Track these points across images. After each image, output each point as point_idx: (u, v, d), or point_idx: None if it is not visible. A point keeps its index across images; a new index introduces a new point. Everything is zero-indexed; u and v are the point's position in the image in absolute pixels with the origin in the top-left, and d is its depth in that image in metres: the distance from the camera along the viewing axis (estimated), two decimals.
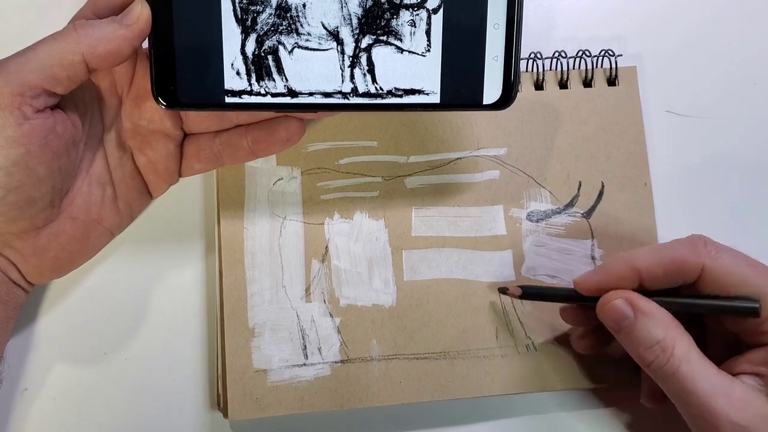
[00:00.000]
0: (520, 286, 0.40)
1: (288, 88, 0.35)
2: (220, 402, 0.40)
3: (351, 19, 0.34)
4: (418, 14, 0.34)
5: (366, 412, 0.41)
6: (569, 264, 0.43)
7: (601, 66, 0.45)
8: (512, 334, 0.42)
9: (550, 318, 0.42)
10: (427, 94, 0.35)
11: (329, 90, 0.35)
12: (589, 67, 0.44)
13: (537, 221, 0.43)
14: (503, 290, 0.41)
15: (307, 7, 0.34)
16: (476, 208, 0.43)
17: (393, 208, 0.42)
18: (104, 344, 0.41)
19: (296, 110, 0.36)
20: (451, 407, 0.42)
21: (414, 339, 0.41)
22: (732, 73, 0.46)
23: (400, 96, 0.35)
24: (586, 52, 0.44)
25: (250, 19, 0.34)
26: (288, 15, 0.34)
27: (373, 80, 0.35)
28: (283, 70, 0.34)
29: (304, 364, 0.40)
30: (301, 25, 0.34)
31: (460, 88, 0.35)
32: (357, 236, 0.42)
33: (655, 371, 0.35)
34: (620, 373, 0.41)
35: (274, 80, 0.35)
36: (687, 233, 0.37)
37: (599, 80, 0.44)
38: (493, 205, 0.43)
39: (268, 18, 0.34)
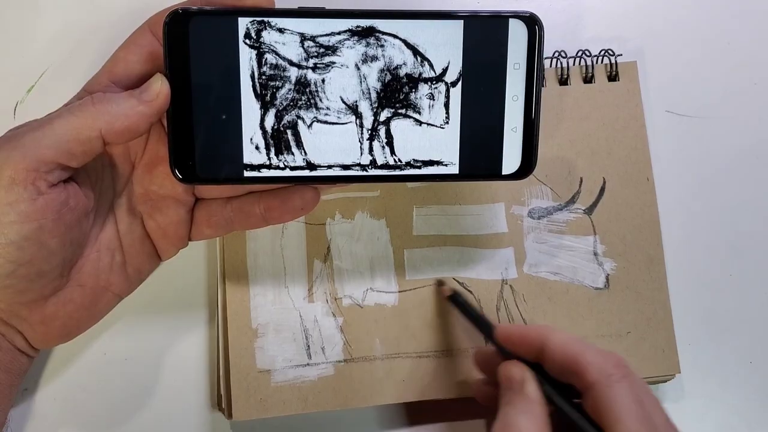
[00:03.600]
0: (453, 291, 0.40)
1: (307, 161, 0.35)
2: (221, 402, 0.40)
3: (370, 93, 0.34)
4: (436, 87, 0.34)
5: (370, 411, 0.41)
6: (571, 260, 0.43)
7: (602, 62, 0.45)
8: None
9: (553, 315, 0.42)
10: (446, 165, 0.35)
11: (348, 162, 0.35)
12: (589, 63, 0.44)
13: (538, 218, 0.43)
14: (441, 283, 0.41)
15: (326, 83, 0.34)
16: (477, 206, 0.43)
17: (394, 207, 0.42)
18: (104, 344, 0.41)
19: (315, 182, 0.36)
20: (456, 406, 0.42)
21: (417, 338, 0.41)
22: (732, 73, 0.46)
23: (419, 167, 0.35)
24: (586, 52, 0.44)
25: (269, 95, 0.34)
26: (307, 90, 0.34)
27: (392, 152, 0.35)
28: (302, 143, 0.34)
29: (308, 364, 0.40)
30: (321, 100, 0.34)
31: (479, 159, 0.35)
32: (358, 236, 0.42)
33: None
34: None
35: (293, 154, 0.34)
36: (687, 233, 0.36)
37: (600, 76, 0.44)
38: (494, 203, 0.43)
39: (287, 93, 0.34)
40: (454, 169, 0.35)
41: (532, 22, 0.34)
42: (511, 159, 0.35)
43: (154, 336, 0.41)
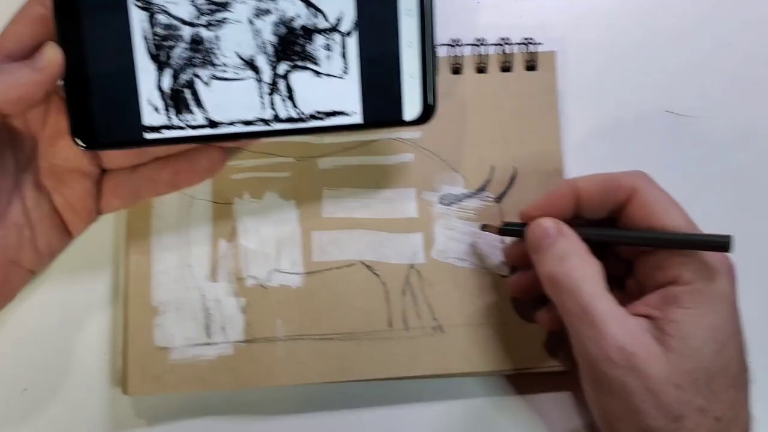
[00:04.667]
0: (503, 223, 0.41)
1: (208, 119, 0.35)
2: (121, 379, 0.40)
3: (265, 47, 0.35)
4: (332, 38, 0.35)
5: (272, 392, 0.41)
6: (480, 247, 0.43)
7: (522, 51, 0.45)
8: (420, 316, 0.42)
9: (458, 300, 0.42)
10: (349, 114, 0.36)
11: (250, 118, 0.35)
12: (508, 52, 0.44)
13: (449, 205, 0.43)
14: (485, 226, 0.41)
15: (220, 39, 0.34)
16: (389, 191, 0.43)
17: (304, 188, 0.42)
18: (4, 320, 0.41)
19: (218, 141, 0.36)
20: (365, 390, 0.42)
21: (320, 320, 0.41)
22: (732, 73, 0.46)
23: (322, 119, 0.35)
24: (507, 40, 0.44)
25: (163, 55, 0.34)
26: (202, 47, 0.34)
27: (294, 105, 0.35)
28: (201, 102, 0.35)
29: (207, 344, 0.40)
30: (216, 57, 0.34)
31: (381, 107, 0.36)
32: (266, 216, 0.42)
33: (557, 282, 0.36)
34: (529, 357, 0.41)
35: (192, 113, 0.35)
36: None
37: (518, 65, 0.44)
38: (405, 188, 0.43)
39: (182, 52, 0.34)
40: (358, 119, 0.36)
41: None
42: (411, 105, 0.36)
43: (59, 312, 0.41)
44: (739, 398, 0.35)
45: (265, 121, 0.35)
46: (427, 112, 0.36)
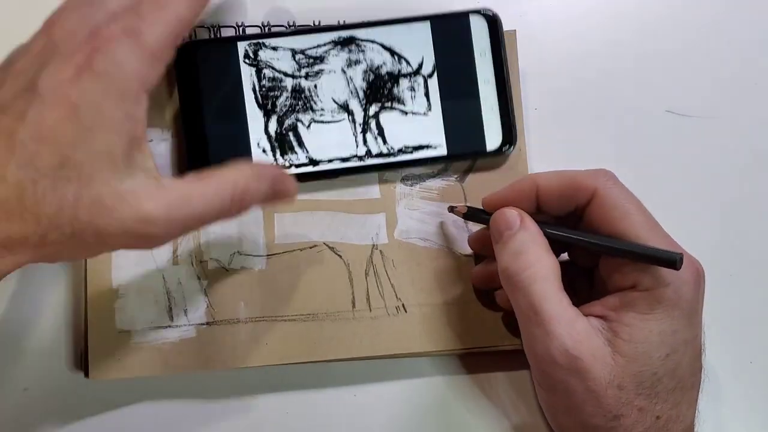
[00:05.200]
0: (467, 208, 0.40)
1: (309, 158, 0.40)
2: (82, 362, 0.40)
3: (358, 92, 0.40)
4: (415, 81, 0.40)
5: (235, 374, 0.41)
6: (442, 227, 0.43)
7: None
8: (383, 296, 0.42)
9: (421, 280, 0.42)
10: (435, 147, 0.41)
11: (346, 155, 0.40)
12: None
13: (411, 185, 0.43)
14: (452, 207, 0.41)
15: (318, 88, 0.40)
16: None
17: None
18: None
19: (318, 178, 0.40)
20: (327, 371, 0.42)
21: (283, 301, 0.41)
22: (732, 73, 0.46)
23: (410, 152, 0.40)
24: None
25: (270, 104, 0.40)
26: (303, 96, 0.40)
27: (384, 141, 0.40)
28: (303, 143, 0.40)
29: (169, 326, 0.40)
30: (315, 103, 0.40)
31: (464, 139, 0.41)
32: None
33: (510, 278, 0.36)
34: (492, 335, 0.42)
35: (296, 153, 0.40)
36: (686, 233, 0.37)
37: None
38: None
39: (285, 101, 0.40)
40: (443, 151, 0.41)
41: (490, 16, 0.41)
42: (493, 135, 0.41)
43: (17, 295, 0.41)
44: (685, 399, 0.35)
45: (360, 157, 0.40)
46: (508, 141, 0.41)
